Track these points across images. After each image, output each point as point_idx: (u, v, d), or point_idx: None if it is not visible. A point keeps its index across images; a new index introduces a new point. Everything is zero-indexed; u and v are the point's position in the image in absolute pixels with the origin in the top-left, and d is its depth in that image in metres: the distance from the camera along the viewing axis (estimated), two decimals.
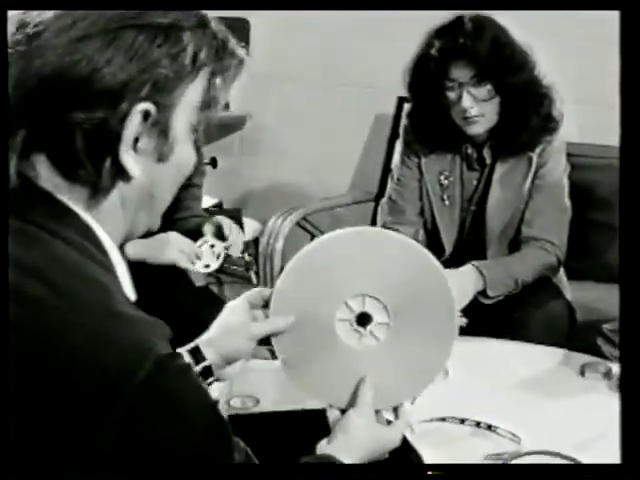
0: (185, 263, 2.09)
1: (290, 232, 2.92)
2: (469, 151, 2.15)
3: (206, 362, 1.20)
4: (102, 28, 0.83)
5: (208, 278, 2.61)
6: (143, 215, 0.93)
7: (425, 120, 2.16)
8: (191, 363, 1.16)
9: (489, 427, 1.47)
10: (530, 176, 2.12)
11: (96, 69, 0.82)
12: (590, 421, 1.51)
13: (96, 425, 0.74)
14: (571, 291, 2.26)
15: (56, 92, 0.82)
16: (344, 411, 1.22)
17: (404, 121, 2.27)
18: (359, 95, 3.43)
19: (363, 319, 1.24)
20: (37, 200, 0.85)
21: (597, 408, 1.58)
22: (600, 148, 2.65)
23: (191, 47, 0.87)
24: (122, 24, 0.84)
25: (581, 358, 1.78)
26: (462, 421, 1.50)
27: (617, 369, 1.66)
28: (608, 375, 1.69)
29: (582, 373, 1.72)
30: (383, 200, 2.37)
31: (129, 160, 0.85)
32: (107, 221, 0.89)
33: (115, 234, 0.90)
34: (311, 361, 1.25)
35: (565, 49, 2.72)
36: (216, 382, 1.24)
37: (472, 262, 2.03)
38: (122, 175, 0.87)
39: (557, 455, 1.36)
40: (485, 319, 1.95)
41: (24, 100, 0.83)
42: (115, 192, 0.88)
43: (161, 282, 2.09)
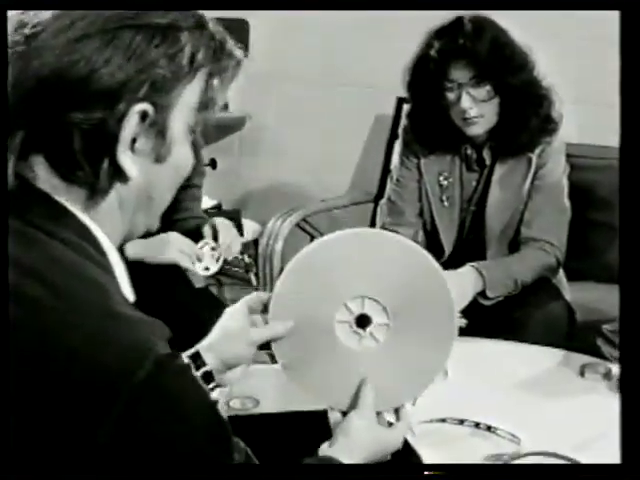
0: (185, 263, 2.08)
1: (290, 233, 2.92)
2: (468, 152, 2.15)
3: (207, 367, 1.19)
4: (100, 28, 0.83)
5: (208, 279, 2.61)
6: (141, 216, 0.93)
7: (424, 121, 2.16)
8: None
9: (489, 428, 1.47)
10: (529, 177, 2.12)
11: (94, 69, 0.82)
12: (590, 422, 1.51)
13: (96, 425, 0.74)
14: (571, 292, 2.26)
15: (54, 92, 0.82)
16: (345, 413, 1.22)
17: (403, 122, 2.27)
18: (358, 95, 3.43)
19: (362, 321, 1.24)
20: (35, 201, 0.85)
21: (597, 409, 1.58)
22: (599, 149, 2.65)
23: (189, 48, 0.87)
24: (120, 24, 0.84)
25: (581, 359, 1.78)
26: (461, 422, 1.50)
27: (617, 370, 1.65)
28: (608, 376, 1.69)
29: (582, 374, 1.72)
30: (382, 201, 2.37)
31: (127, 161, 0.85)
32: (105, 222, 0.88)
33: (113, 235, 0.90)
34: (311, 363, 1.25)
35: (565, 49, 2.72)
36: (217, 388, 1.24)
37: (471, 263, 2.02)
38: (120, 176, 0.86)
39: (556, 456, 1.35)
40: (484, 320, 1.94)
41: (22, 101, 0.83)
42: (113, 193, 0.88)
43: (161, 283, 2.09)
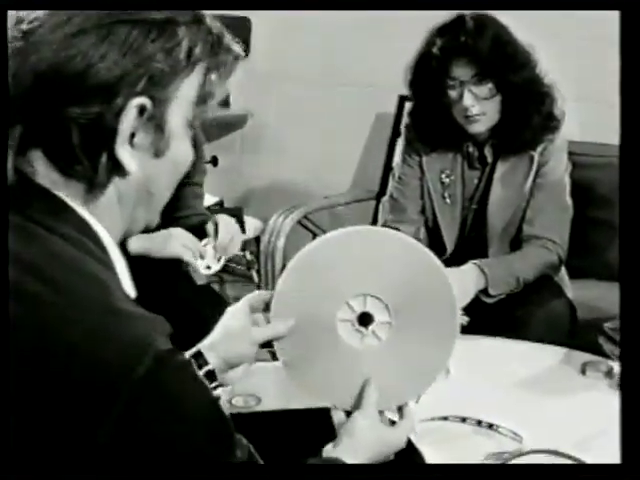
0: (188, 257, 2.09)
1: (291, 230, 2.92)
2: (470, 149, 2.15)
3: (209, 367, 1.19)
4: (96, 23, 0.83)
5: (210, 276, 2.61)
6: (141, 211, 0.93)
7: (426, 118, 2.16)
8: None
9: (490, 426, 1.47)
10: (531, 175, 2.12)
11: (91, 64, 0.82)
12: (591, 420, 1.51)
13: (95, 421, 0.74)
14: (572, 289, 2.26)
15: (52, 87, 0.82)
16: (348, 412, 1.22)
17: (405, 119, 2.27)
18: (360, 94, 3.43)
19: (365, 319, 1.23)
20: (34, 196, 0.85)
21: (598, 406, 1.58)
22: (601, 146, 2.64)
23: (186, 42, 0.87)
24: (116, 19, 0.84)
25: (582, 357, 1.78)
26: (463, 420, 1.50)
27: (618, 368, 1.65)
28: (609, 374, 1.68)
29: (583, 372, 1.72)
30: (384, 198, 2.37)
31: (125, 155, 0.85)
32: (104, 217, 0.88)
33: (113, 230, 0.90)
34: (313, 362, 1.25)
35: (565, 49, 2.71)
36: (219, 387, 1.24)
37: (473, 260, 2.02)
38: (118, 170, 0.87)
39: (558, 454, 1.36)
40: (486, 318, 1.94)
41: (20, 96, 0.83)
42: (112, 188, 0.88)
43: (162, 280, 2.09)
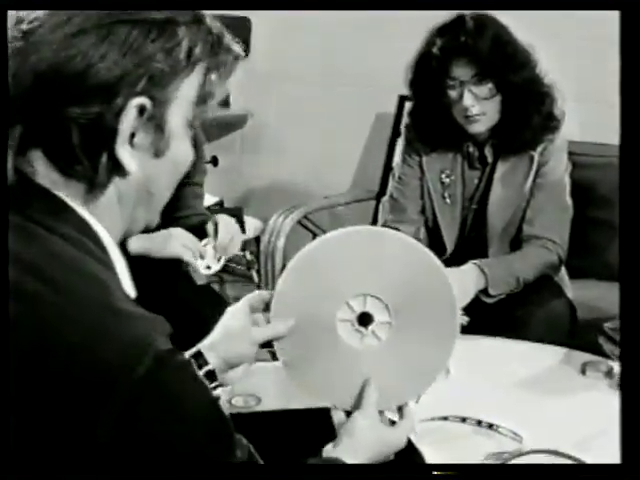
0: (188, 257, 2.09)
1: (291, 230, 2.92)
2: (470, 149, 2.15)
3: (209, 367, 1.19)
4: (96, 23, 0.83)
5: (210, 277, 2.61)
6: (141, 211, 0.93)
7: (426, 118, 2.16)
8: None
9: (490, 426, 1.47)
10: (531, 175, 2.12)
11: (91, 64, 0.82)
12: (591, 420, 1.51)
13: (95, 421, 0.74)
14: (572, 289, 2.26)
15: (52, 87, 0.82)
16: (348, 412, 1.22)
17: (405, 119, 2.27)
18: (360, 94, 3.43)
19: (364, 319, 1.23)
20: (35, 196, 0.85)
21: (598, 406, 1.58)
22: (600, 146, 2.64)
23: (186, 42, 0.87)
24: (116, 19, 0.84)
25: (582, 357, 1.78)
26: (463, 420, 1.50)
27: (618, 368, 1.65)
28: (609, 374, 1.69)
29: (583, 372, 1.72)
30: (384, 198, 2.37)
31: (125, 155, 0.85)
32: (104, 217, 0.88)
33: (113, 230, 0.90)
34: (313, 362, 1.25)
35: (565, 49, 2.71)
36: (219, 387, 1.24)
37: (473, 260, 2.02)
38: (118, 170, 0.87)
39: (558, 454, 1.36)
40: (486, 318, 1.94)
41: (20, 96, 0.83)
42: (112, 188, 0.88)
43: (163, 280, 2.09)
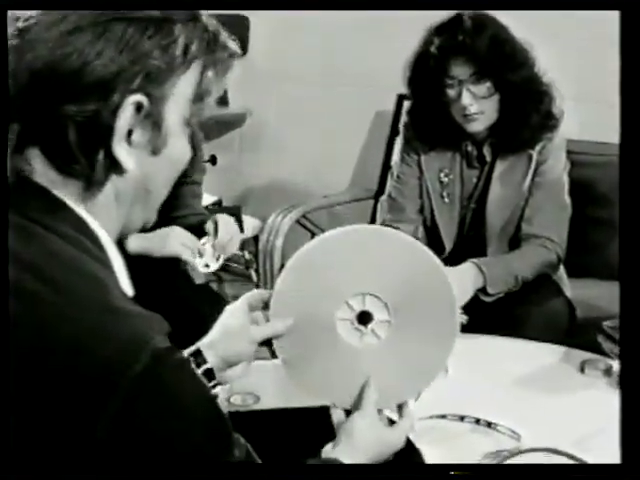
0: (187, 256, 2.09)
1: (290, 230, 2.92)
2: (469, 148, 2.15)
3: (207, 365, 1.19)
4: (92, 21, 0.83)
5: (208, 276, 2.61)
6: (138, 209, 0.93)
7: (425, 117, 2.16)
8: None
9: (489, 424, 1.47)
10: (530, 173, 2.12)
11: (87, 62, 0.82)
12: (590, 418, 1.51)
13: (94, 420, 0.74)
14: (571, 288, 2.26)
15: (48, 85, 0.82)
16: (347, 411, 1.22)
17: (404, 118, 2.27)
18: (358, 93, 3.42)
19: (364, 318, 1.24)
20: (33, 195, 0.85)
21: (597, 405, 1.58)
22: (600, 145, 2.64)
23: (182, 39, 0.87)
24: (112, 17, 0.84)
25: (581, 355, 1.78)
26: (462, 418, 1.50)
27: (617, 366, 1.66)
28: (608, 372, 1.69)
29: (582, 370, 1.72)
30: (383, 198, 2.37)
31: (122, 152, 0.85)
32: (102, 215, 0.88)
33: (111, 229, 0.90)
34: (312, 361, 1.25)
35: (565, 49, 2.71)
36: (218, 385, 1.24)
37: (472, 259, 2.02)
38: (116, 168, 0.86)
39: (557, 452, 1.36)
40: (485, 316, 1.94)
41: (17, 94, 0.83)
42: (109, 186, 0.88)
43: (161, 279, 2.09)
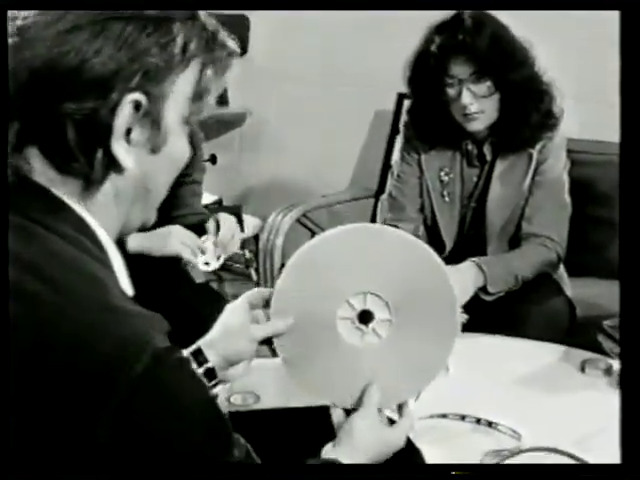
0: (187, 255, 2.08)
1: (290, 229, 2.93)
2: (469, 147, 2.15)
3: (209, 364, 1.20)
4: (91, 20, 0.83)
5: (208, 275, 2.61)
6: (138, 208, 0.93)
7: (425, 116, 2.16)
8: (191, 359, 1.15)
9: (489, 423, 1.47)
10: (530, 172, 2.12)
11: (85, 60, 0.82)
12: (590, 417, 1.51)
13: (94, 420, 0.74)
14: (571, 287, 2.26)
15: (46, 84, 0.82)
16: (347, 411, 1.22)
17: (404, 117, 2.27)
18: (359, 92, 3.42)
19: (365, 317, 1.23)
20: (33, 195, 0.85)
21: (597, 404, 1.58)
22: (600, 144, 2.64)
23: (181, 37, 0.87)
24: (111, 15, 0.83)
25: (581, 354, 1.77)
26: (462, 417, 1.50)
27: (617, 366, 1.65)
28: (609, 372, 1.68)
29: (582, 369, 1.72)
30: (383, 197, 2.37)
31: (121, 151, 0.85)
32: (101, 214, 0.88)
33: (110, 228, 0.90)
34: (313, 360, 1.25)
35: (565, 48, 2.71)
36: (220, 384, 1.24)
37: (472, 258, 2.02)
38: (115, 166, 0.86)
39: (557, 452, 1.35)
40: (485, 315, 1.94)
41: (16, 92, 0.83)
42: (108, 184, 0.88)
43: (161, 278, 2.09)
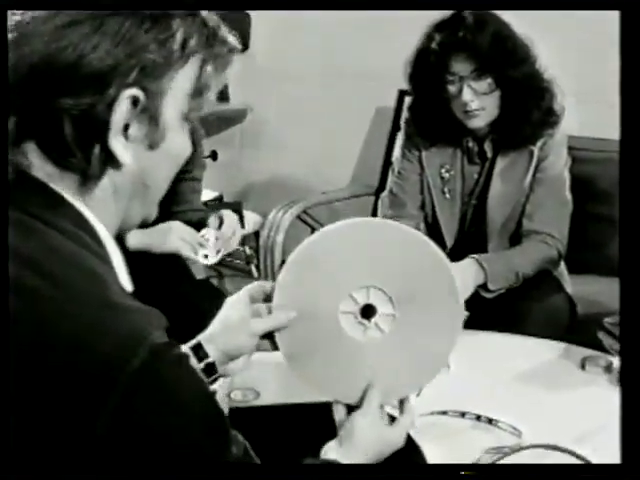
0: (187, 252, 2.08)
1: (291, 225, 2.93)
2: (470, 145, 2.15)
3: (209, 359, 1.19)
4: (89, 15, 0.83)
5: (208, 271, 2.61)
6: (137, 204, 0.93)
7: (426, 113, 2.16)
8: (189, 354, 1.15)
9: (490, 420, 1.47)
10: (531, 170, 2.12)
11: (82, 55, 0.82)
12: (590, 414, 1.51)
13: (93, 416, 0.74)
14: (572, 284, 2.26)
15: (44, 79, 0.82)
16: (349, 406, 1.22)
17: (405, 114, 2.27)
18: (359, 88, 3.42)
19: (367, 311, 1.23)
20: (32, 190, 0.85)
21: (597, 401, 1.58)
22: (600, 141, 2.64)
23: (180, 33, 0.87)
24: (109, 12, 0.83)
25: (582, 351, 1.78)
26: (463, 414, 1.50)
27: (618, 363, 1.66)
28: (609, 369, 1.68)
29: (583, 367, 1.72)
30: (384, 194, 2.36)
31: (118, 146, 0.85)
32: (100, 209, 0.88)
33: (109, 224, 0.90)
34: (315, 355, 1.24)
35: (565, 47, 2.71)
36: (220, 378, 1.24)
37: (473, 255, 2.02)
38: (112, 162, 0.86)
39: (557, 449, 1.35)
40: (486, 313, 1.94)
41: (13, 87, 0.83)
42: (106, 180, 0.88)
43: (161, 274, 2.09)
